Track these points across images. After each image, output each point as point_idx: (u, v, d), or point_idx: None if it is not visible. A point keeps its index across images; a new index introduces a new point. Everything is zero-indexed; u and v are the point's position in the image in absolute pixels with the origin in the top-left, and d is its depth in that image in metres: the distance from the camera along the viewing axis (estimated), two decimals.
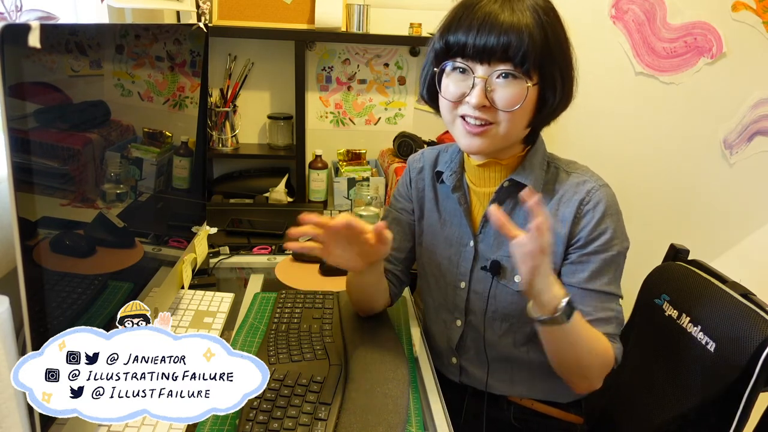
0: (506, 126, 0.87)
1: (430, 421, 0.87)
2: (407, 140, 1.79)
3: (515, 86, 0.85)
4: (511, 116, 0.86)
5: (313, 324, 1.05)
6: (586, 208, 0.92)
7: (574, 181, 0.94)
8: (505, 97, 0.85)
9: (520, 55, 0.82)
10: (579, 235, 0.92)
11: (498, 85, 0.85)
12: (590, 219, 0.91)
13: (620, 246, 0.93)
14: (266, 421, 0.78)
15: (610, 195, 0.93)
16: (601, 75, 2.03)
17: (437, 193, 1.06)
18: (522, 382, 1.03)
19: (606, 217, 0.91)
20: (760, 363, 0.89)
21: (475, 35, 0.84)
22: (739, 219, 2.23)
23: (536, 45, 0.83)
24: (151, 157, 0.96)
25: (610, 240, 0.91)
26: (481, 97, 0.85)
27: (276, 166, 1.93)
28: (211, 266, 1.34)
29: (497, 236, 0.97)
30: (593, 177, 0.95)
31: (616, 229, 0.92)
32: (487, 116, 0.87)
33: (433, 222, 1.06)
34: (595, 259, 0.91)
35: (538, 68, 0.85)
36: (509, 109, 0.85)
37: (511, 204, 0.97)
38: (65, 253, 0.70)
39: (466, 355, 1.06)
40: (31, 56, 0.57)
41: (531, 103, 0.88)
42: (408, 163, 1.13)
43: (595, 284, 0.92)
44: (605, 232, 0.91)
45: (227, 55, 1.83)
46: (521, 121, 0.89)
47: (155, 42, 0.96)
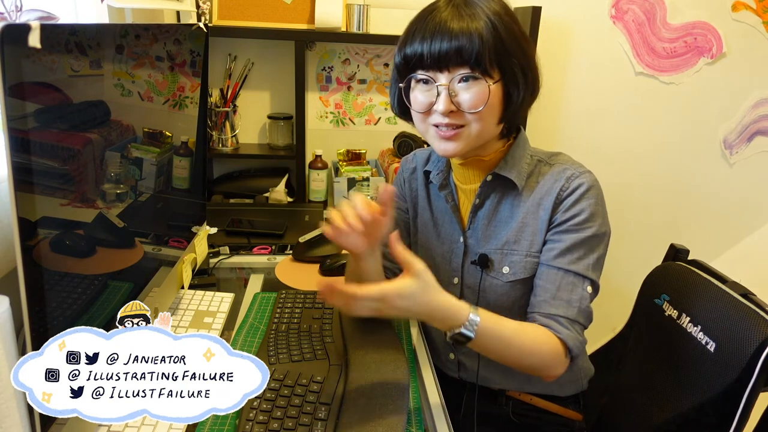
0: (477, 126, 0.90)
1: (429, 420, 0.87)
2: (407, 140, 1.79)
3: (477, 87, 0.87)
4: (479, 116, 0.89)
5: (313, 324, 1.05)
6: (566, 193, 0.94)
7: (555, 170, 0.96)
8: (469, 100, 0.87)
9: (474, 56, 0.85)
10: (555, 216, 0.94)
11: (460, 89, 0.88)
12: (567, 201, 0.93)
13: (597, 229, 0.93)
14: (266, 421, 0.78)
15: (590, 179, 0.95)
16: (601, 75, 2.03)
17: (429, 193, 1.09)
18: (519, 375, 1.03)
19: (583, 198, 0.93)
20: (760, 363, 0.89)
21: (429, 44, 0.87)
22: (739, 219, 2.23)
23: (489, 45, 0.85)
24: (151, 157, 0.96)
25: (585, 221, 0.92)
26: (447, 103, 0.88)
27: (276, 166, 1.93)
28: (211, 266, 1.34)
29: (485, 231, 1.00)
30: (574, 165, 0.97)
31: (594, 212, 0.93)
32: (457, 120, 0.89)
33: (426, 220, 1.08)
34: (566, 237, 0.92)
35: (497, 66, 0.87)
36: (475, 110, 0.88)
37: (497, 198, 0.99)
38: (65, 253, 0.70)
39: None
40: (31, 56, 0.57)
41: (496, 100, 0.89)
42: (401, 163, 1.16)
43: (561, 261, 0.92)
44: (580, 213, 0.92)
45: (227, 55, 1.83)
46: (491, 119, 0.91)
47: (155, 42, 0.96)
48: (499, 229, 0.98)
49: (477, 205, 1.00)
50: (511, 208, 0.98)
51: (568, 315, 0.90)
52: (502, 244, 0.98)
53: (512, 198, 0.98)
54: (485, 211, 1.00)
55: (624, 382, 1.16)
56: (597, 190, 0.95)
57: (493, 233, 0.99)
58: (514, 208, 0.98)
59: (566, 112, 2.05)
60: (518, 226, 0.97)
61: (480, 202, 1.00)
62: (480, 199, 1.00)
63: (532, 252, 0.96)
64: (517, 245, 0.97)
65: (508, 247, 0.97)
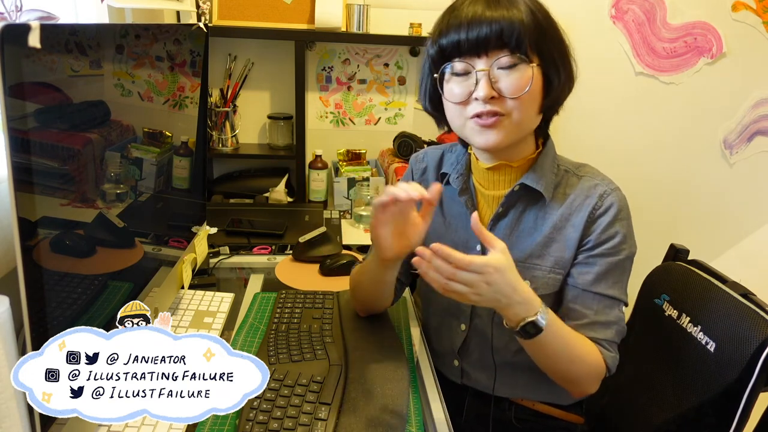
0: (518, 114, 0.86)
1: (430, 421, 0.87)
2: (407, 140, 1.79)
3: (519, 72, 0.84)
4: (521, 102, 0.85)
5: (313, 324, 1.05)
6: (598, 213, 0.91)
7: (585, 185, 0.94)
8: (511, 84, 0.84)
9: (514, 39, 0.82)
10: (589, 237, 0.92)
11: (501, 74, 0.84)
12: (601, 222, 0.91)
13: (629, 251, 0.92)
14: (266, 421, 0.78)
15: (621, 199, 0.93)
16: (601, 75, 2.03)
17: (442, 196, 1.04)
18: (525, 386, 1.03)
19: (616, 221, 0.91)
20: (760, 363, 0.89)
21: (466, 31, 0.83)
22: (739, 219, 2.23)
23: (528, 27, 0.82)
24: (151, 157, 0.96)
25: (619, 244, 0.91)
26: (488, 88, 0.83)
27: (276, 166, 1.93)
28: (211, 266, 1.34)
29: (506, 240, 0.94)
30: (604, 180, 0.95)
31: (626, 234, 0.92)
32: (498, 107, 0.85)
33: (437, 225, 1.03)
34: (602, 261, 0.91)
35: (536, 50, 0.85)
36: (518, 95, 0.84)
37: (521, 207, 0.96)
38: (65, 253, 0.70)
39: (468, 359, 1.05)
40: (31, 56, 0.57)
41: (538, 85, 0.86)
42: (410, 162, 1.12)
43: (599, 287, 0.91)
44: (615, 236, 0.90)
45: (227, 55, 1.83)
46: (532, 106, 0.87)
47: (155, 42, 0.96)
48: (522, 240, 0.95)
49: (500, 214, 0.96)
50: (536, 219, 0.95)
51: (607, 337, 0.91)
52: (525, 257, 0.94)
53: (537, 209, 0.94)
54: (508, 221, 0.96)
55: (624, 383, 1.15)
56: (627, 209, 0.93)
57: (514, 244, 0.95)
58: (539, 220, 0.94)
59: (566, 112, 2.04)
60: (543, 241, 0.93)
61: (504, 211, 0.96)
62: (504, 208, 0.96)
63: (556, 269, 0.93)
64: (541, 260, 0.94)
65: (531, 262, 0.94)
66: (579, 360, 0.88)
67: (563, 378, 0.92)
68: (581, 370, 0.89)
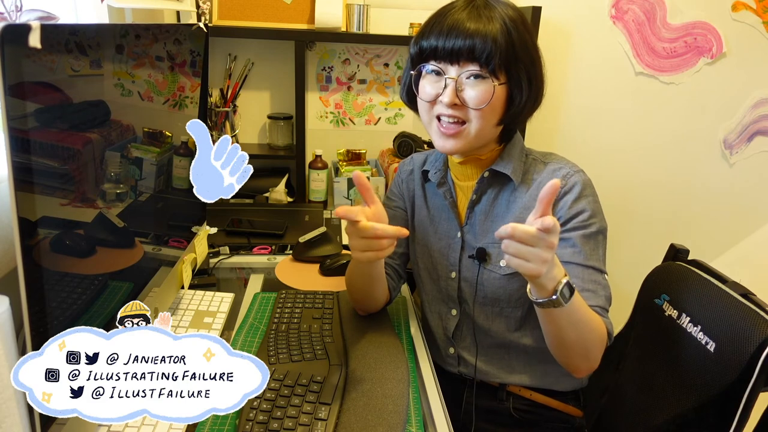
0: (477, 124, 0.93)
1: (429, 416, 0.87)
2: (407, 140, 1.79)
3: (483, 85, 0.91)
4: (481, 114, 0.92)
5: (313, 324, 1.05)
6: (563, 191, 0.97)
7: (550, 168, 1.00)
8: (474, 96, 0.91)
9: (485, 56, 0.89)
10: (558, 215, 0.96)
11: (467, 84, 0.92)
12: (567, 200, 0.96)
13: (599, 224, 0.97)
14: (266, 421, 0.78)
15: (585, 179, 0.98)
16: (601, 75, 2.03)
17: (425, 192, 1.12)
18: (520, 369, 1.06)
19: (581, 197, 0.96)
20: (760, 363, 0.89)
21: (444, 39, 0.91)
22: (739, 219, 2.23)
23: (500, 48, 0.89)
24: (151, 157, 0.96)
25: (589, 218, 0.96)
26: (453, 95, 0.91)
27: (276, 166, 1.93)
28: (211, 266, 1.34)
29: (482, 226, 1.03)
30: (568, 164, 1.01)
31: (594, 209, 0.97)
32: (459, 114, 0.93)
33: (423, 218, 1.11)
34: (575, 234, 0.95)
35: (505, 69, 0.91)
36: (478, 107, 0.91)
37: (494, 193, 1.03)
38: (65, 253, 0.70)
39: (462, 344, 1.09)
40: (31, 56, 0.57)
41: (499, 101, 0.93)
42: (399, 166, 1.20)
43: (578, 258, 0.94)
44: (583, 212, 0.96)
45: (227, 55, 1.83)
46: (491, 118, 0.94)
47: (155, 42, 0.96)
48: (496, 223, 1.01)
49: (474, 201, 1.03)
50: (508, 203, 1.01)
51: (599, 303, 0.93)
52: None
53: (508, 193, 1.01)
54: (482, 206, 1.03)
55: (624, 382, 1.16)
56: (592, 188, 0.99)
57: (489, 228, 1.02)
58: (511, 204, 1.01)
59: (566, 112, 2.05)
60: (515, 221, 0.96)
61: (477, 197, 1.03)
62: (477, 195, 1.03)
63: None
64: None
65: None
66: (595, 325, 0.90)
67: (579, 350, 0.91)
68: (596, 337, 0.90)
